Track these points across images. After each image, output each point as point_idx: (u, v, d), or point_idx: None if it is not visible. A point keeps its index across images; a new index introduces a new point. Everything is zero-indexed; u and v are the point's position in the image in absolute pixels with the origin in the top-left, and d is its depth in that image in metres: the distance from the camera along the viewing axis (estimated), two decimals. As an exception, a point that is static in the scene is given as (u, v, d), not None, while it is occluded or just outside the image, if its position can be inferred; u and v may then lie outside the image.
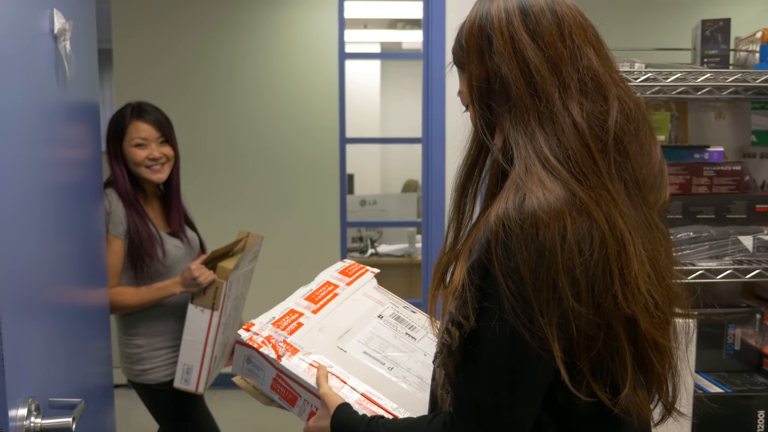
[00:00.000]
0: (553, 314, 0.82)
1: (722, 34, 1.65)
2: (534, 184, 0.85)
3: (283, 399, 1.18)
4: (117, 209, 2.01)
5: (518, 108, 0.90)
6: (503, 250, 0.83)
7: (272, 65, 4.08)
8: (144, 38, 4.05)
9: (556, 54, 0.91)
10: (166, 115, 2.12)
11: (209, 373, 2.05)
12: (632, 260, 0.85)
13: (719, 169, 1.65)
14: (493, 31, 0.94)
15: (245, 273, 2.18)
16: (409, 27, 5.69)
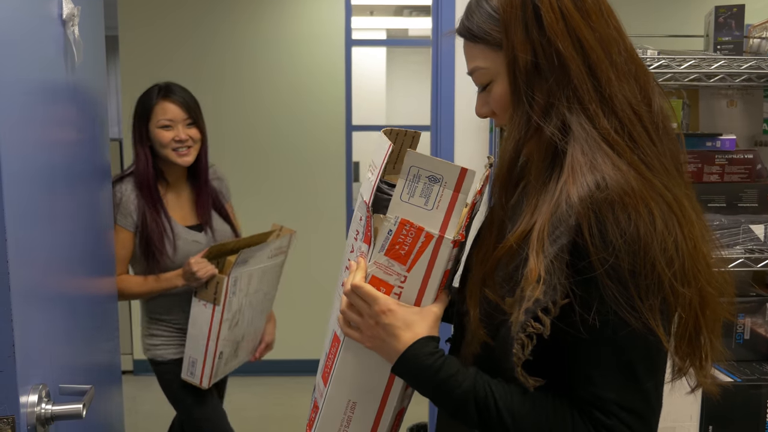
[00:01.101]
0: (654, 298, 0.82)
1: (736, 20, 1.63)
2: (607, 167, 0.84)
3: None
4: (128, 200, 1.97)
5: (577, 88, 0.88)
6: (598, 234, 0.81)
7: (279, 52, 4.06)
8: (151, 25, 4.03)
9: (606, 34, 0.91)
10: (193, 97, 2.06)
11: (213, 368, 2.01)
12: (700, 241, 0.87)
13: (731, 157, 1.63)
14: (542, 5, 0.90)
15: (265, 269, 2.09)
16: (415, 14, 5.66)
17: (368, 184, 1.00)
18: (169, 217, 2.02)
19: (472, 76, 0.99)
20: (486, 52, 0.95)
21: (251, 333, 2.17)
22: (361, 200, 1.02)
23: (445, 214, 0.91)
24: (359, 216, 1.02)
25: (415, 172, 0.90)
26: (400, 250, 0.93)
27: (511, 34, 0.91)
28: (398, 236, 0.92)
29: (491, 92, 0.96)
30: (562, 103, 0.89)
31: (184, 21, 4.03)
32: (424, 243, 0.92)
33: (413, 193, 0.91)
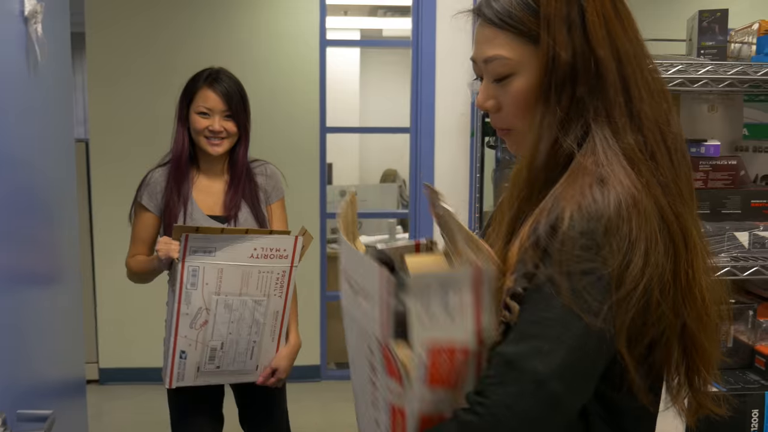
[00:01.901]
0: (630, 305, 0.79)
1: (719, 25, 1.61)
2: (616, 178, 0.81)
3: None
4: (156, 182, 1.98)
5: (609, 99, 0.85)
6: (584, 236, 0.79)
7: (253, 51, 3.98)
8: (120, 23, 3.92)
9: (638, 47, 0.88)
10: (240, 89, 2.02)
11: (173, 368, 1.86)
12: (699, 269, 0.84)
13: (715, 163, 1.61)
14: (587, 4, 0.85)
15: (248, 271, 1.85)
16: (390, 14, 5.62)
17: (363, 313, 0.86)
18: (192, 202, 1.97)
19: (487, 65, 0.91)
20: (514, 42, 0.88)
21: (240, 346, 1.92)
22: (361, 328, 0.88)
23: (475, 320, 0.81)
24: (365, 346, 0.89)
25: (427, 290, 0.80)
26: (441, 378, 0.83)
27: (554, 31, 0.85)
28: (433, 366, 0.82)
29: (508, 86, 0.90)
30: (590, 113, 0.85)
31: (154, 19, 3.93)
32: (464, 360, 0.82)
33: (432, 312, 0.80)
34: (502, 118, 0.93)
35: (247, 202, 2.00)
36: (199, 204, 1.99)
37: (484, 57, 0.90)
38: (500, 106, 0.92)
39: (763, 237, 1.55)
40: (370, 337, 0.86)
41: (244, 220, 1.99)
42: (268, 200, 2.06)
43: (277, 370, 1.96)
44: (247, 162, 2.04)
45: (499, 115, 0.93)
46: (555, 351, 0.77)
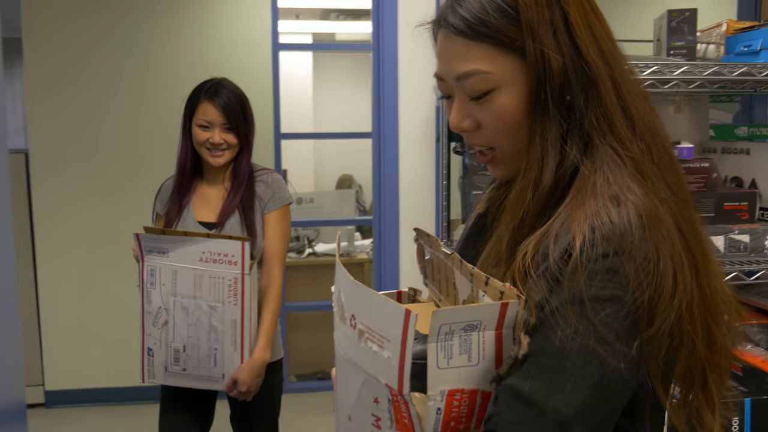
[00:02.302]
0: (664, 341, 0.72)
1: (688, 25, 1.58)
2: (632, 193, 0.74)
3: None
4: (166, 189, 2.10)
5: (608, 107, 0.78)
6: (601, 259, 0.71)
7: (203, 56, 3.84)
8: (61, 28, 3.73)
9: (617, 46, 0.82)
10: (241, 100, 2.04)
11: (144, 363, 1.95)
12: (714, 273, 0.79)
13: (688, 166, 1.57)
14: (569, 6, 0.78)
15: (200, 274, 1.88)
16: (342, 17, 5.53)
17: (375, 358, 0.77)
18: (189, 208, 2.05)
19: (462, 81, 0.81)
20: (492, 54, 0.79)
21: (202, 351, 1.93)
22: (368, 377, 0.79)
23: (495, 360, 0.74)
24: (371, 397, 0.80)
25: (446, 330, 0.72)
26: (458, 426, 0.75)
27: (540, 39, 0.77)
28: (450, 411, 0.74)
29: (490, 103, 0.81)
30: (592, 124, 0.78)
31: (98, 23, 3.76)
32: (482, 404, 0.75)
33: (450, 354, 0.73)
34: (483, 136, 0.84)
35: (240, 209, 2.03)
36: (195, 210, 2.06)
37: (458, 73, 0.81)
38: (479, 124, 0.83)
39: (739, 240, 1.52)
40: (378, 387, 0.78)
41: (231, 227, 2.01)
42: (264, 209, 2.05)
43: (237, 382, 1.94)
44: (250, 171, 2.07)
45: (478, 133, 0.84)
46: (577, 389, 0.69)
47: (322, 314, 4.13)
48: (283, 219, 2.07)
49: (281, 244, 2.06)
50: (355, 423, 0.85)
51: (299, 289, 4.19)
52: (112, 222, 3.78)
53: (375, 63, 1.85)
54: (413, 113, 1.85)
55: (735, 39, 1.64)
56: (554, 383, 0.69)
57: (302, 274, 4.22)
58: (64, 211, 3.83)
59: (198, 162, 2.07)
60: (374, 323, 0.77)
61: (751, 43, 1.59)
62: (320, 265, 4.26)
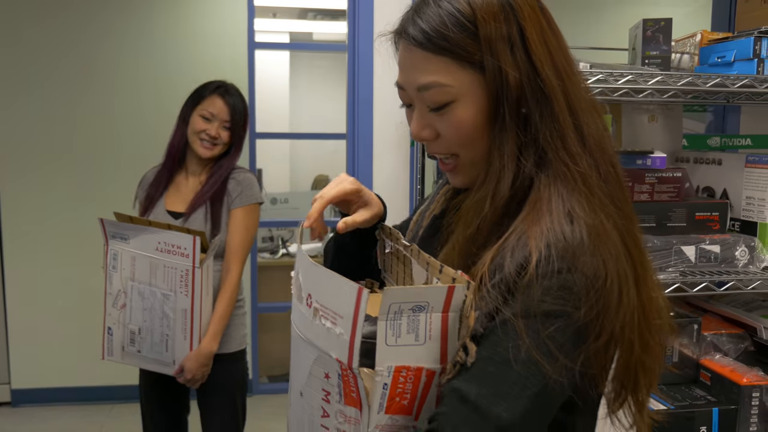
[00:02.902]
0: (609, 352, 0.77)
1: (663, 34, 1.58)
2: (582, 209, 0.77)
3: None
4: (147, 179, 2.19)
5: (561, 123, 0.79)
6: (555, 275, 0.74)
7: (178, 53, 3.80)
8: (29, 23, 3.66)
9: (571, 61, 0.83)
10: (245, 106, 2.16)
11: (105, 340, 2.05)
12: (653, 285, 0.84)
13: (661, 175, 1.58)
14: (526, 23, 0.80)
15: (155, 263, 1.95)
16: (320, 17, 5.50)
17: (328, 335, 0.81)
18: (161, 197, 2.12)
19: (422, 93, 0.83)
20: (451, 67, 0.80)
21: (155, 336, 2.01)
22: (321, 353, 0.83)
23: (441, 341, 0.77)
24: (322, 372, 0.84)
25: (396, 309, 0.76)
26: (402, 401, 0.79)
27: (498, 54, 0.79)
28: (396, 387, 0.78)
29: (449, 115, 0.82)
30: (546, 139, 0.79)
31: (70, 21, 3.70)
32: (427, 382, 0.79)
33: (399, 332, 0.77)
34: (442, 145, 0.86)
35: (209, 203, 2.09)
36: (168, 200, 2.13)
37: (418, 84, 0.82)
38: (438, 134, 0.85)
39: (709, 251, 1.53)
40: (330, 362, 0.82)
41: (195, 218, 2.08)
42: (231, 204, 2.12)
43: (186, 370, 2.01)
44: (227, 171, 2.14)
45: (438, 142, 0.86)
46: (519, 398, 0.72)
47: (295, 315, 4.10)
48: (248, 216, 2.13)
49: (243, 241, 2.13)
50: (306, 398, 0.88)
51: (272, 290, 4.15)
52: (81, 220, 3.72)
53: (350, 64, 1.84)
54: (388, 116, 1.84)
55: (709, 50, 1.65)
56: (499, 391, 0.72)
57: (276, 274, 4.18)
58: (33, 210, 3.76)
59: (184, 152, 2.15)
60: (329, 301, 0.80)
61: (725, 55, 1.60)
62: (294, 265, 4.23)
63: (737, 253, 1.55)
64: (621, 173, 0.84)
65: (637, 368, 0.82)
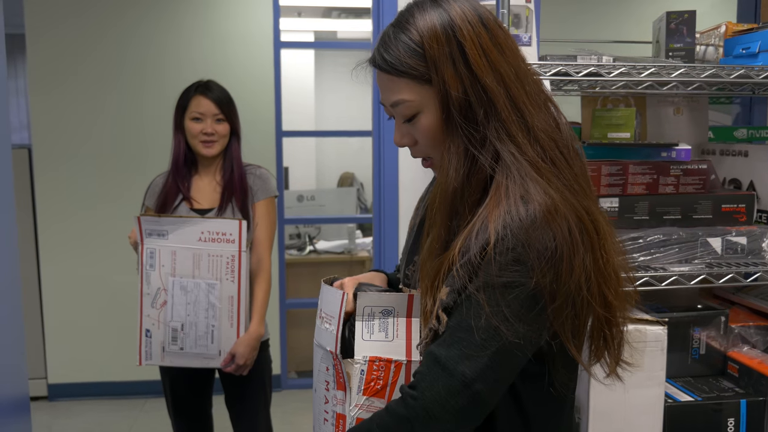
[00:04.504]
0: (567, 310, 0.91)
1: (687, 26, 1.58)
2: (537, 192, 0.91)
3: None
4: (156, 185, 2.21)
5: (505, 120, 0.94)
6: (510, 251, 0.89)
7: (204, 53, 3.85)
8: (62, 23, 3.75)
9: (518, 67, 0.97)
10: (229, 95, 2.22)
11: (142, 345, 2.05)
12: (609, 248, 0.97)
13: (686, 167, 1.58)
14: (465, 41, 0.95)
15: (198, 253, 2.01)
16: (344, 16, 5.54)
17: (327, 334, 1.05)
18: (180, 200, 2.15)
19: (395, 108, 1.00)
20: (411, 86, 0.97)
21: (200, 329, 2.04)
22: (324, 351, 1.06)
23: (406, 339, 1.01)
24: (325, 366, 1.07)
25: (369, 311, 1.01)
26: (376, 386, 1.01)
27: (441, 71, 0.94)
28: (371, 373, 1.01)
29: (417, 124, 0.99)
30: (493, 135, 0.94)
31: (99, 19, 3.77)
32: (395, 371, 1.01)
33: (372, 330, 1.01)
34: (420, 150, 1.04)
35: (237, 199, 2.15)
36: (190, 200, 2.17)
37: (390, 102, 1.00)
38: (416, 140, 1.02)
39: (736, 242, 1.53)
40: (328, 356, 1.05)
41: (228, 215, 2.14)
42: (254, 198, 2.20)
43: (235, 356, 2.04)
44: (241, 163, 2.21)
45: (416, 148, 1.04)
46: (480, 357, 0.90)
47: (322, 311, 4.14)
48: (269, 209, 2.23)
49: (271, 231, 2.22)
50: (317, 393, 1.11)
51: (300, 286, 4.20)
52: (114, 216, 3.80)
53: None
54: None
55: (734, 41, 1.64)
56: (463, 353, 0.90)
57: (303, 271, 4.23)
58: (67, 206, 3.84)
59: (191, 156, 2.20)
60: (327, 307, 1.06)
61: (750, 46, 1.59)
62: (321, 263, 4.27)
63: (764, 245, 1.55)
64: (571, 157, 0.98)
65: (603, 323, 0.97)
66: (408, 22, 0.98)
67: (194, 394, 2.25)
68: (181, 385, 2.22)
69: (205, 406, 2.29)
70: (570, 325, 0.93)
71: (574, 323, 0.94)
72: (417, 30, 0.96)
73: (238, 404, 2.21)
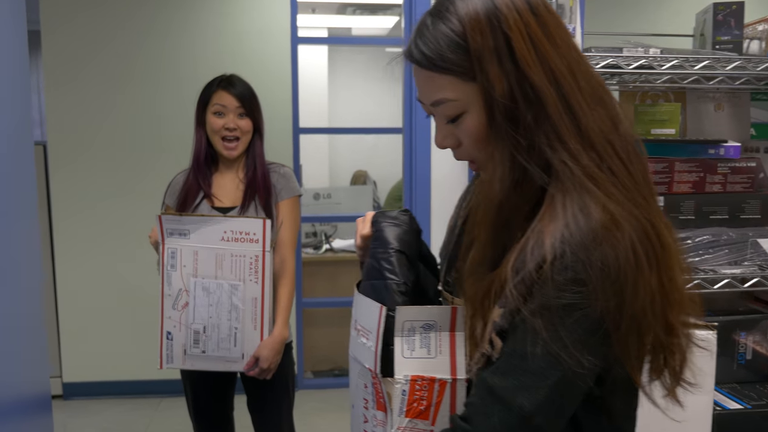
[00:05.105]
0: (631, 338, 0.81)
1: (735, 18, 1.52)
2: (593, 206, 0.81)
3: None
4: (176, 183, 2.15)
5: (556, 123, 0.83)
6: (569, 269, 0.78)
7: (221, 49, 3.80)
8: (77, 18, 3.70)
9: (571, 58, 0.86)
10: (252, 90, 2.15)
11: (163, 347, 1.98)
12: (675, 265, 0.85)
13: (734, 165, 1.52)
14: (511, 31, 0.83)
15: (221, 253, 1.95)
16: (359, 12, 5.48)
17: (364, 349, 0.97)
18: (202, 197, 2.10)
19: (436, 108, 0.90)
20: (455, 84, 0.86)
21: (222, 331, 1.98)
22: (361, 366, 0.99)
23: (450, 356, 0.93)
24: (362, 383, 1.00)
25: (409, 326, 0.92)
26: (420, 407, 0.93)
27: (486, 67, 0.84)
28: (413, 393, 0.93)
29: (462, 125, 0.89)
30: (543, 141, 0.83)
31: (114, 14, 3.72)
32: (440, 391, 0.93)
33: (413, 346, 0.92)
34: (464, 152, 0.93)
35: (260, 197, 2.09)
36: (211, 199, 2.11)
37: (430, 101, 0.90)
38: (460, 142, 0.92)
39: (787, 243, 1.47)
40: (366, 373, 0.97)
41: (248, 212, 2.08)
42: (278, 197, 2.14)
43: (258, 359, 1.98)
44: (264, 161, 2.14)
45: (460, 150, 0.93)
46: (539, 389, 0.81)
47: (338, 311, 4.09)
48: (293, 209, 2.16)
49: (294, 231, 2.16)
50: (355, 409, 1.03)
51: (316, 286, 4.15)
52: (130, 213, 3.76)
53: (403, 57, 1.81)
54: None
55: (784, 34, 1.58)
56: (521, 383, 0.81)
57: (319, 270, 4.18)
58: (83, 203, 3.81)
59: (213, 152, 2.14)
60: (364, 321, 0.97)
61: (801, 39, 1.53)
62: (337, 261, 4.22)
63: (816, 246, 1.48)
64: (631, 161, 0.86)
65: (665, 348, 0.86)
66: (448, 10, 0.87)
67: (216, 398, 2.19)
68: (203, 389, 2.17)
69: (227, 409, 2.24)
70: (635, 351, 0.84)
71: (637, 349, 0.85)
72: (458, 19, 0.85)
73: (262, 408, 2.16)
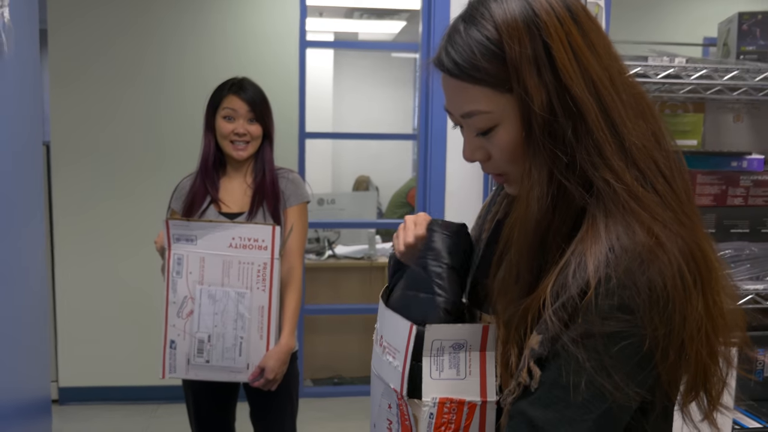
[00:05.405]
0: (679, 367, 0.76)
1: (761, 28, 1.49)
2: (638, 226, 0.76)
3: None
4: (183, 187, 2.11)
5: (597, 139, 0.78)
6: (615, 295, 0.73)
7: (227, 51, 3.77)
8: (84, 18, 3.68)
9: (612, 69, 0.81)
10: (263, 95, 2.11)
11: (166, 356, 1.93)
12: (720, 288, 0.81)
13: (757, 178, 1.49)
14: (551, 39, 0.78)
15: (228, 260, 1.90)
16: (366, 17, 5.46)
17: (390, 368, 0.92)
18: (209, 202, 2.07)
19: (467, 120, 0.84)
20: (489, 95, 0.80)
21: (227, 341, 1.93)
22: (386, 386, 0.94)
23: (480, 377, 0.88)
24: (387, 403, 0.95)
25: (438, 346, 0.87)
26: (447, 430, 0.88)
27: (524, 77, 0.78)
28: (441, 417, 0.87)
29: (495, 138, 0.83)
30: (583, 157, 0.78)
31: (121, 15, 3.69)
32: (469, 414, 0.88)
33: (442, 367, 0.88)
34: (493, 166, 0.88)
35: (269, 203, 2.05)
36: (218, 204, 2.08)
37: (462, 112, 0.85)
38: (490, 155, 0.87)
39: (811, 259, 1.43)
40: (390, 393, 0.92)
41: (256, 217, 2.05)
42: (286, 204, 2.10)
43: (264, 370, 1.93)
44: (273, 166, 2.11)
45: (489, 163, 0.88)
46: (583, 421, 0.76)
47: (340, 318, 4.06)
48: (302, 215, 2.12)
49: (303, 238, 2.12)
50: (377, 429, 0.99)
51: (318, 292, 4.11)
52: (131, 216, 3.72)
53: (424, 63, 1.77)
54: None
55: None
56: (563, 415, 0.76)
57: (322, 276, 4.14)
58: (84, 204, 3.77)
59: (221, 156, 2.11)
60: (391, 338, 0.92)
61: (827, 50, 1.50)
62: (340, 268, 4.18)
63: (841, 263, 1.45)
64: (674, 178, 0.81)
65: (707, 371, 0.81)
66: (483, 16, 0.81)
67: (218, 408, 2.15)
68: (205, 399, 2.12)
69: (229, 419, 2.20)
70: (681, 380, 0.80)
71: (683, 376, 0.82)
72: (494, 25, 0.79)
73: (264, 419, 2.11)
